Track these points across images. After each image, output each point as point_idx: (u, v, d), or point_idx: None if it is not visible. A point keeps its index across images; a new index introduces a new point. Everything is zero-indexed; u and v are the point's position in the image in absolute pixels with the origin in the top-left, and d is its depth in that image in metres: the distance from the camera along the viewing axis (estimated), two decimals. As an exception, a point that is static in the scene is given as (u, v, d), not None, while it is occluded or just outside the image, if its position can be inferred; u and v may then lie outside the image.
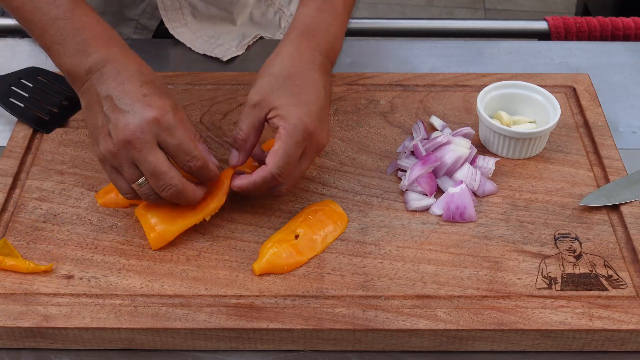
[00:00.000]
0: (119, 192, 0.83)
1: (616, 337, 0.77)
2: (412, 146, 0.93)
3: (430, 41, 1.19)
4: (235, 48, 1.14)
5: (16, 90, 1.02)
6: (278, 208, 0.89)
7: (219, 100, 1.03)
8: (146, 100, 0.79)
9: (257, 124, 0.83)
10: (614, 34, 1.24)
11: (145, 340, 0.78)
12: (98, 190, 0.91)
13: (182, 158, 0.80)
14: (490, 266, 0.82)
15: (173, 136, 0.79)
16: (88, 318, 0.77)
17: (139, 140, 0.78)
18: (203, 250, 0.84)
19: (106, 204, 0.89)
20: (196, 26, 1.16)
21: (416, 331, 0.77)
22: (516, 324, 0.77)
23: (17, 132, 0.98)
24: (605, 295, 0.80)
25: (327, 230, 0.85)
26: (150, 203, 0.84)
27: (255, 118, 0.83)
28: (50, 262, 0.82)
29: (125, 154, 0.78)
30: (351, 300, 0.79)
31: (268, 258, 0.81)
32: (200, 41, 1.15)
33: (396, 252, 0.84)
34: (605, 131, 0.98)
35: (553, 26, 1.25)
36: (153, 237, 0.83)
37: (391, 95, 1.04)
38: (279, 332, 0.77)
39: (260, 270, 0.81)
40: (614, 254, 0.84)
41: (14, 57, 1.14)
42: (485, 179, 0.91)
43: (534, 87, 0.98)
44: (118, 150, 0.78)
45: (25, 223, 0.87)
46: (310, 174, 0.93)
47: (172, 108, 0.80)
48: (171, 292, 0.80)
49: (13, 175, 0.92)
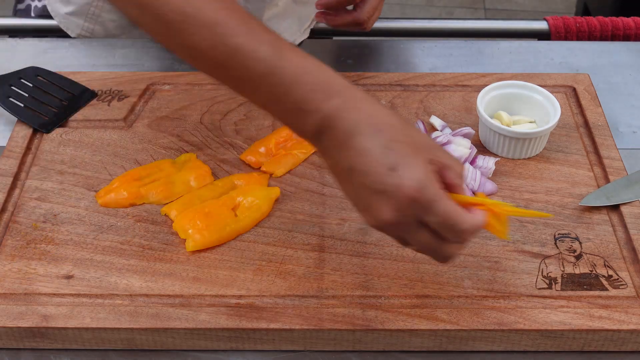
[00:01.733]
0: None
1: (616, 337, 0.77)
2: (412, 146, 0.93)
3: (430, 41, 1.19)
4: (299, 32, 1.17)
5: (16, 90, 1.02)
6: (278, 208, 0.89)
7: (219, 100, 1.03)
8: (395, 178, 0.67)
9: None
10: (614, 34, 1.24)
11: (145, 340, 0.78)
12: (98, 190, 0.91)
13: (453, 229, 0.69)
14: (490, 266, 0.82)
15: (434, 213, 0.68)
16: (88, 318, 0.77)
17: (401, 225, 0.69)
18: (203, 250, 0.84)
19: (106, 204, 0.89)
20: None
21: (416, 331, 0.77)
22: (516, 324, 0.77)
23: (16, 132, 0.98)
24: (606, 295, 0.80)
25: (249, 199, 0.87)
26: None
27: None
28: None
29: (394, 232, 0.71)
30: (351, 300, 0.79)
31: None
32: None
33: (396, 252, 0.84)
34: (606, 131, 0.98)
35: (553, 26, 1.25)
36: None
37: (391, 95, 1.04)
38: (279, 332, 0.77)
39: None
40: (614, 254, 0.84)
41: (14, 57, 1.14)
42: (485, 179, 0.91)
43: (534, 87, 0.98)
44: (386, 227, 0.70)
45: (25, 223, 0.87)
46: (311, 173, 0.93)
47: (425, 176, 0.67)
48: (171, 292, 0.80)
49: (13, 175, 0.92)
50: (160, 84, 1.05)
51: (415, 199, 0.67)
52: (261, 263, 0.83)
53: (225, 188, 0.90)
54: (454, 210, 0.68)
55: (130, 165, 0.94)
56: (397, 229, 0.70)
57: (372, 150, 0.67)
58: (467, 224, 0.68)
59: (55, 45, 1.17)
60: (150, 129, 0.99)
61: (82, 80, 1.05)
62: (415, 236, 0.70)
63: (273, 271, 0.82)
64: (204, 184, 0.91)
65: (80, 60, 1.14)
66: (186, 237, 0.84)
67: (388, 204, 0.67)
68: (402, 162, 0.67)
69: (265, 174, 0.92)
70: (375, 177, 0.67)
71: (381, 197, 0.67)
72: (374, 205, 0.68)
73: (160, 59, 1.15)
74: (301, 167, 0.94)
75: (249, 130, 0.99)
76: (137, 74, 1.07)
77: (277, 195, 0.89)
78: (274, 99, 0.71)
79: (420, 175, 0.67)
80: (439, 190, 0.68)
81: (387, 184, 0.67)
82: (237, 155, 0.95)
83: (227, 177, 0.92)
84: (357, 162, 0.68)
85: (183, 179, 0.91)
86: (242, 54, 0.70)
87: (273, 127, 0.99)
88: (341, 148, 0.69)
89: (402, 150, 0.68)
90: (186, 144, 0.97)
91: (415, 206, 0.67)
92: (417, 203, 0.67)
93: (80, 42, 1.18)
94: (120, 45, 1.17)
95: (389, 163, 0.67)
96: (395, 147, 0.67)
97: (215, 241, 0.84)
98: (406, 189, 0.66)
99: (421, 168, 0.67)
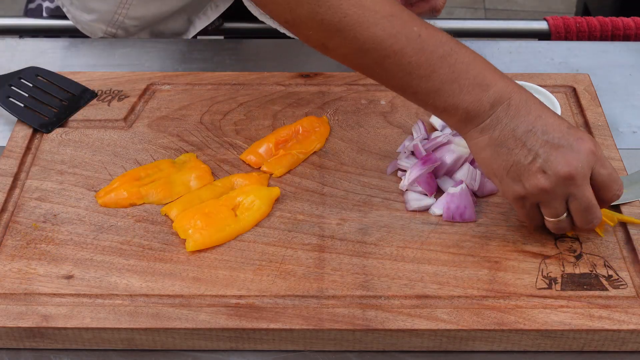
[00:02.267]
0: (530, 223, 0.83)
1: (616, 337, 0.77)
2: (412, 146, 0.93)
3: (430, 41, 1.19)
4: None
5: (16, 90, 1.02)
6: (278, 208, 0.89)
7: (219, 100, 1.03)
8: (575, 134, 0.77)
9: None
10: (614, 34, 1.24)
11: (145, 340, 0.78)
12: (98, 190, 0.91)
13: (612, 187, 0.79)
14: (491, 266, 0.82)
15: (605, 167, 0.78)
16: (88, 318, 0.77)
17: (580, 175, 0.76)
18: (203, 250, 0.84)
19: (106, 204, 0.89)
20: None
21: (416, 331, 0.77)
22: (516, 324, 0.77)
23: (16, 132, 0.98)
24: (606, 295, 0.80)
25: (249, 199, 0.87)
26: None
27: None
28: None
29: (562, 189, 0.77)
30: (351, 300, 0.79)
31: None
32: None
33: (396, 252, 0.84)
34: (605, 131, 0.98)
35: (553, 26, 1.25)
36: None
37: (391, 95, 1.04)
38: (279, 332, 0.77)
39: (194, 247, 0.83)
40: (614, 254, 0.84)
41: (14, 57, 1.14)
42: (485, 179, 0.91)
43: (534, 87, 0.98)
44: (555, 186, 0.77)
45: (25, 223, 0.87)
46: (311, 173, 0.93)
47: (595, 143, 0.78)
48: (171, 292, 0.80)
49: (13, 175, 0.92)
50: (160, 84, 1.06)
51: (594, 152, 0.77)
52: (261, 263, 0.83)
53: (225, 188, 0.90)
54: (594, 198, 0.78)
55: (130, 165, 0.94)
56: (573, 183, 0.77)
57: (548, 115, 0.77)
58: (599, 215, 0.79)
59: (55, 45, 1.17)
60: (150, 129, 0.99)
61: (82, 80, 1.05)
62: (586, 191, 0.77)
63: (273, 271, 0.82)
64: (204, 184, 0.91)
65: (80, 60, 1.14)
66: (186, 237, 0.84)
67: (572, 155, 0.76)
68: (570, 124, 0.78)
69: (265, 173, 0.92)
70: (556, 133, 0.77)
71: (564, 150, 0.76)
72: (556, 159, 0.76)
73: (160, 59, 1.15)
74: (301, 167, 0.94)
75: (249, 130, 0.99)
76: (137, 74, 1.07)
77: (277, 195, 0.89)
78: (453, 78, 0.77)
79: (589, 135, 0.78)
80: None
81: (569, 137, 0.77)
82: (237, 155, 0.95)
83: (227, 177, 0.92)
84: (538, 123, 0.77)
85: (183, 179, 0.91)
86: (424, 39, 0.77)
87: (273, 127, 0.99)
88: (519, 114, 0.77)
89: (565, 119, 0.79)
90: (186, 144, 0.97)
91: (595, 158, 0.77)
92: (595, 155, 0.77)
93: (80, 42, 1.18)
94: (120, 45, 1.17)
95: (564, 124, 0.78)
96: (560, 117, 0.78)
97: (215, 241, 0.84)
98: (586, 142, 0.77)
99: (589, 136, 0.78)
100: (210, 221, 0.85)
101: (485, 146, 0.79)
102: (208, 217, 0.85)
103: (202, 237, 0.84)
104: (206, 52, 1.17)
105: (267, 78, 1.06)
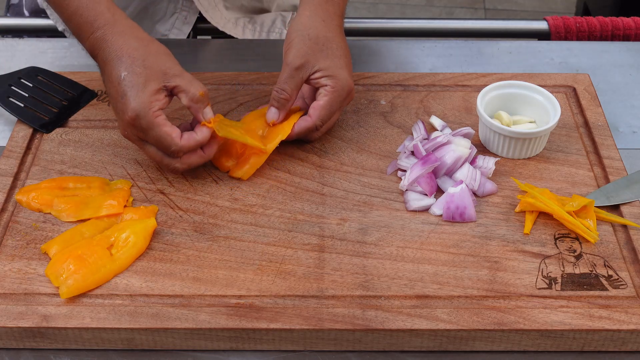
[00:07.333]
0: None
1: (616, 337, 0.77)
2: (412, 146, 0.93)
3: (430, 41, 1.19)
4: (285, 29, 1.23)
5: (16, 90, 1.02)
6: (278, 208, 0.89)
7: (219, 100, 1.03)
8: (120, 104, 0.86)
9: (299, 84, 0.93)
10: (614, 34, 1.25)
11: (145, 340, 0.78)
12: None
13: (167, 153, 0.88)
14: (490, 266, 0.82)
15: (151, 137, 0.86)
16: (88, 318, 0.77)
17: (131, 139, 0.89)
18: (203, 250, 0.84)
19: (19, 201, 0.88)
20: (234, 15, 1.24)
21: (416, 331, 0.77)
22: (516, 324, 0.77)
23: (16, 132, 0.98)
24: (606, 295, 0.80)
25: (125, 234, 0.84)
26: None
27: (299, 79, 0.92)
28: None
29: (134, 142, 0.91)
30: (351, 300, 0.79)
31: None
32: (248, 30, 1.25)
33: (396, 252, 0.84)
34: (606, 131, 0.98)
35: (553, 26, 1.25)
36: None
37: (391, 95, 1.04)
38: (279, 332, 0.77)
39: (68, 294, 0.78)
40: (614, 254, 0.84)
41: (14, 57, 1.14)
42: (485, 179, 0.91)
43: (534, 87, 0.98)
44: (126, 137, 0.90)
45: (25, 223, 0.87)
46: (311, 174, 0.93)
47: (142, 107, 0.85)
48: (171, 292, 0.80)
49: (13, 175, 0.92)
50: (160, 84, 1.05)
51: (133, 124, 0.86)
52: (261, 263, 0.83)
53: (110, 222, 0.87)
54: (166, 135, 0.86)
55: (130, 165, 0.94)
56: (132, 141, 0.90)
57: (113, 78, 0.87)
58: (176, 146, 0.86)
59: (55, 45, 1.17)
60: (150, 129, 0.99)
61: (82, 80, 1.05)
62: (144, 149, 0.89)
63: (273, 271, 0.82)
64: (107, 214, 0.87)
65: (80, 60, 1.14)
66: (58, 284, 0.79)
67: (121, 122, 0.88)
68: (129, 92, 0.86)
69: (152, 206, 0.89)
70: (113, 101, 0.88)
71: (117, 116, 0.88)
72: (117, 109, 0.88)
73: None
74: (301, 167, 0.94)
75: (249, 130, 0.99)
76: (137, 74, 1.07)
77: (153, 226, 0.85)
78: (66, 21, 0.92)
79: (138, 105, 0.85)
80: (155, 119, 0.85)
81: (117, 108, 0.87)
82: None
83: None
84: (107, 86, 0.89)
85: (96, 203, 0.88)
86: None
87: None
88: (103, 72, 0.90)
89: (132, 81, 0.86)
90: (186, 144, 0.97)
91: (135, 129, 0.87)
92: (135, 127, 0.86)
93: (80, 42, 1.18)
94: (120, 45, 1.17)
95: (121, 91, 0.86)
96: (127, 78, 0.86)
97: (90, 284, 0.80)
98: (126, 116, 0.86)
99: (143, 99, 0.85)
100: (84, 264, 0.80)
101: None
102: (81, 259, 0.81)
103: (76, 282, 0.79)
104: (206, 52, 1.17)
105: (267, 78, 1.06)
